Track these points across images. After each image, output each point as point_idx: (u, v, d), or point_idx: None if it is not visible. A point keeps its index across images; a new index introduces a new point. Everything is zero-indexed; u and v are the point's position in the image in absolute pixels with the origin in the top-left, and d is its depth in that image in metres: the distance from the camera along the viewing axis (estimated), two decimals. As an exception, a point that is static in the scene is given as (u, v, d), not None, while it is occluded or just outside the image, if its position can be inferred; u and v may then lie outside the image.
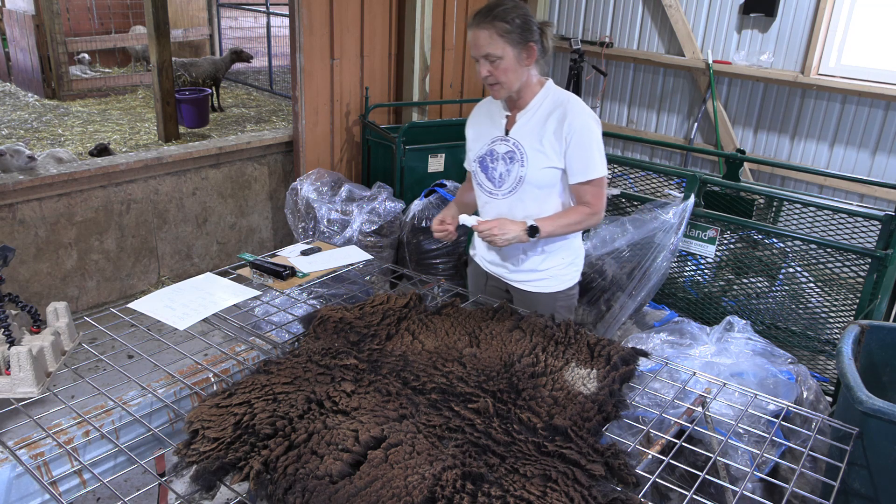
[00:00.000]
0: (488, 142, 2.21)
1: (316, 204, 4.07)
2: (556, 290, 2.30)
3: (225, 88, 7.93)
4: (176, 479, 1.36)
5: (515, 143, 2.15)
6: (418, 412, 1.50)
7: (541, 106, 2.13)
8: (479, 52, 2.03)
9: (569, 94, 2.15)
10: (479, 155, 2.24)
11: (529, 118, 2.14)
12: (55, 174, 3.65)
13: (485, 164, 2.22)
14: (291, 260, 2.40)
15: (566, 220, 2.15)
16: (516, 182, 2.16)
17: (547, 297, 2.30)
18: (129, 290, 4.19)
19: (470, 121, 2.34)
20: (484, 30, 2.00)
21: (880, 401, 1.79)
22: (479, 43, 2.02)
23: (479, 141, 2.25)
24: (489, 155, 2.21)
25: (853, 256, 2.90)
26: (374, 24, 4.56)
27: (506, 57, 2.02)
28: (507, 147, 2.17)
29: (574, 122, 2.07)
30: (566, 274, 2.30)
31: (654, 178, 3.92)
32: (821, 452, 2.16)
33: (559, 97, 2.13)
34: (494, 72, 2.04)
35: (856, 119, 4.35)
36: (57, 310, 1.81)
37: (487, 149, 2.21)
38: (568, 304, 2.35)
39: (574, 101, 2.12)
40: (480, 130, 2.27)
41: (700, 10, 4.88)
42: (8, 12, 7.30)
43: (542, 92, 2.15)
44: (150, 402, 1.70)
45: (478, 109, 2.32)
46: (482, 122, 2.27)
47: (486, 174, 2.23)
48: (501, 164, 2.17)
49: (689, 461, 2.05)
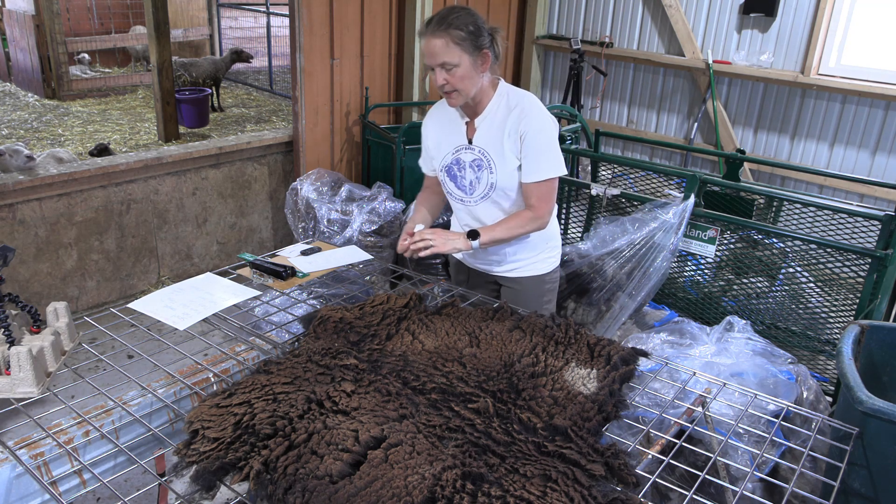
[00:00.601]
0: (452, 150, 2.21)
1: (316, 204, 4.07)
2: (543, 272, 2.37)
3: (225, 88, 7.93)
4: (176, 479, 1.36)
5: (482, 151, 2.15)
6: (418, 412, 1.50)
7: (498, 109, 2.13)
8: (435, 60, 2.01)
9: (523, 94, 2.15)
10: (446, 164, 2.24)
11: (489, 124, 2.14)
12: (55, 174, 3.65)
13: (452, 172, 2.23)
14: (291, 260, 2.40)
15: (507, 225, 2.15)
16: (488, 188, 2.18)
17: (535, 281, 2.37)
18: (129, 290, 4.19)
19: (428, 126, 2.32)
20: (439, 38, 1.98)
21: (880, 401, 1.79)
22: (434, 51, 2.00)
23: (442, 149, 2.25)
24: (455, 164, 2.21)
25: (853, 256, 2.90)
26: (374, 24, 4.56)
27: (462, 64, 2.00)
28: (473, 156, 2.17)
29: (528, 122, 2.08)
30: (550, 257, 2.39)
31: (654, 178, 3.92)
32: (821, 452, 2.17)
33: (514, 98, 2.13)
34: (451, 80, 2.02)
35: (856, 119, 4.35)
36: (57, 310, 1.81)
37: (453, 157, 2.21)
38: (552, 286, 2.44)
39: (529, 101, 2.12)
40: (441, 137, 2.26)
41: (700, 10, 4.88)
42: (8, 12, 7.30)
43: (496, 95, 2.14)
44: (150, 402, 1.70)
45: (435, 114, 2.30)
46: (442, 129, 2.26)
47: (455, 183, 2.24)
48: (470, 172, 2.19)
49: (689, 461, 2.05)
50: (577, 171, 5.09)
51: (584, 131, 4.76)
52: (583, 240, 3.36)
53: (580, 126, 4.66)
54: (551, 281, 2.43)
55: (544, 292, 2.41)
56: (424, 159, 2.38)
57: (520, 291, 2.39)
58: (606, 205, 3.58)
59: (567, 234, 4.10)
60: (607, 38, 5.40)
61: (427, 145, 2.33)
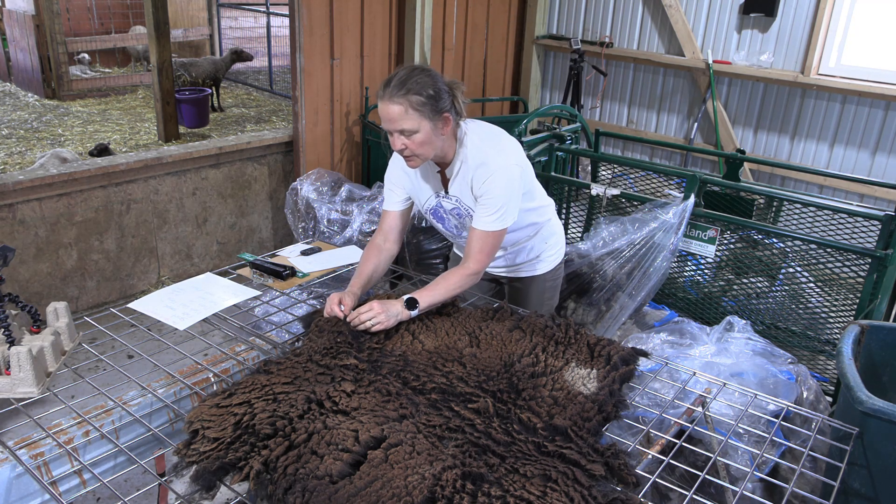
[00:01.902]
0: (432, 195, 2.18)
1: (316, 204, 4.07)
2: (545, 271, 2.40)
3: (225, 88, 7.93)
4: (176, 479, 1.36)
5: (458, 201, 2.13)
6: (418, 412, 1.50)
7: (461, 164, 2.07)
8: (393, 126, 1.91)
9: (480, 143, 2.06)
10: (430, 207, 2.21)
11: (460, 179, 2.08)
12: (55, 174, 3.65)
13: (438, 214, 2.23)
14: (291, 260, 2.40)
15: (446, 285, 2.04)
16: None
17: (539, 280, 2.40)
18: (129, 290, 4.19)
19: (396, 169, 2.21)
20: (397, 104, 1.88)
21: (880, 401, 1.79)
22: (391, 117, 1.90)
23: (422, 192, 2.19)
24: (437, 209, 2.20)
25: (853, 256, 2.90)
26: (374, 24, 4.56)
27: (422, 130, 1.91)
28: (451, 204, 2.16)
29: (483, 177, 2.00)
30: (552, 256, 2.40)
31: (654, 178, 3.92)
32: (821, 452, 2.16)
33: (472, 149, 2.05)
34: (410, 145, 1.93)
35: (856, 119, 4.35)
36: (57, 310, 1.81)
37: (435, 202, 2.19)
38: (554, 283, 2.47)
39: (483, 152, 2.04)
40: (417, 182, 2.19)
41: (700, 10, 4.88)
42: (8, 12, 7.30)
43: (459, 149, 2.06)
44: (150, 402, 1.70)
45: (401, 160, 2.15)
46: (417, 175, 2.18)
47: (443, 225, 2.26)
48: (453, 218, 2.20)
49: (689, 461, 2.05)
50: (577, 171, 5.09)
51: (584, 131, 4.76)
52: (583, 240, 3.36)
53: (580, 126, 4.66)
54: (553, 279, 2.45)
55: (545, 290, 2.44)
56: (390, 197, 2.24)
57: (521, 290, 2.42)
58: (606, 205, 3.58)
59: (567, 234, 4.10)
60: (607, 38, 5.40)
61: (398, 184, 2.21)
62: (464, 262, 2.06)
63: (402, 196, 2.22)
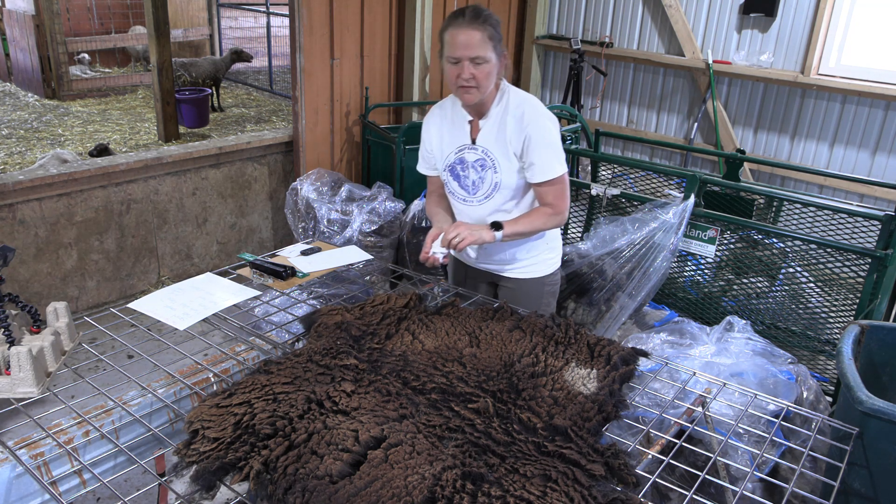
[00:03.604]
0: (455, 150, 2.21)
1: (316, 204, 4.07)
2: (544, 274, 2.37)
3: (225, 88, 7.93)
4: (176, 479, 1.36)
5: (484, 151, 2.15)
6: (418, 412, 1.50)
7: (500, 111, 2.13)
8: (469, 52, 1.97)
9: (526, 95, 2.15)
10: (449, 163, 2.23)
11: (493, 124, 2.13)
12: (55, 174, 3.65)
13: (455, 172, 2.23)
14: (291, 260, 2.40)
15: (529, 219, 2.15)
16: (492, 188, 2.18)
17: (535, 283, 2.36)
18: (129, 290, 4.19)
19: (430, 125, 2.29)
20: (477, 31, 1.96)
21: (880, 401, 1.79)
22: (471, 43, 1.96)
23: (445, 148, 2.24)
24: (459, 163, 2.21)
25: (853, 256, 2.90)
26: (374, 24, 4.56)
27: (490, 62, 2.01)
28: (476, 155, 2.17)
29: (531, 123, 2.07)
30: (551, 258, 2.37)
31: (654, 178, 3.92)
32: (821, 452, 2.16)
33: (516, 98, 2.13)
34: (478, 75, 2.00)
35: (856, 119, 4.35)
36: (57, 310, 1.81)
37: (456, 157, 2.21)
38: (553, 288, 2.43)
39: (531, 102, 2.13)
40: (444, 137, 2.24)
41: (700, 10, 4.88)
42: (8, 12, 7.30)
43: (498, 95, 2.14)
44: (150, 402, 1.70)
45: (436, 113, 2.28)
46: (443, 128, 2.24)
47: (459, 182, 2.24)
48: (473, 171, 2.18)
49: (689, 461, 2.05)
50: (577, 171, 5.09)
51: (584, 131, 4.76)
52: (583, 240, 3.36)
53: (580, 126, 4.66)
54: (551, 283, 2.41)
55: (543, 294, 2.40)
56: (424, 159, 2.37)
57: (518, 293, 2.38)
58: (606, 205, 3.58)
59: (567, 234, 4.10)
60: (607, 38, 5.40)
61: (428, 145, 2.31)
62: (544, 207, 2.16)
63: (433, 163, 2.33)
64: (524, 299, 2.35)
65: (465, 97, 2.07)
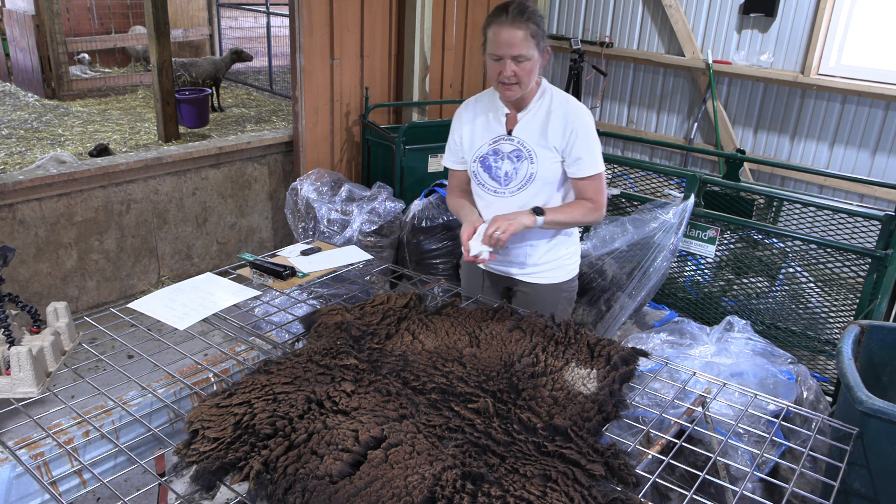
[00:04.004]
0: (489, 141, 2.20)
1: (316, 204, 4.07)
2: (561, 280, 2.33)
3: (225, 88, 7.93)
4: (176, 479, 1.36)
5: (520, 142, 2.16)
6: (418, 412, 1.50)
7: (540, 105, 2.16)
8: (512, 51, 1.98)
9: (566, 94, 2.19)
10: (481, 154, 2.22)
11: (532, 117, 2.15)
12: (55, 174, 3.65)
13: (487, 163, 2.21)
14: (291, 260, 2.40)
15: (570, 210, 2.18)
16: (526, 179, 2.17)
17: (552, 289, 2.33)
18: (129, 290, 4.19)
19: (462, 119, 2.29)
20: (520, 29, 1.98)
21: (880, 401, 1.79)
22: (514, 42, 1.98)
23: (477, 140, 2.23)
24: (493, 154, 2.20)
25: (853, 256, 2.90)
26: (374, 24, 4.56)
27: (532, 59, 2.02)
28: (511, 146, 2.17)
29: (577, 119, 2.11)
30: (569, 264, 2.35)
31: (654, 178, 3.92)
32: (821, 452, 2.16)
33: (560, 96, 2.17)
34: (520, 72, 2.02)
35: (856, 119, 4.35)
36: (57, 310, 1.81)
37: (490, 148, 2.20)
38: (570, 295, 2.40)
39: (573, 100, 2.17)
40: (476, 129, 2.24)
41: (700, 10, 4.88)
42: (8, 12, 7.30)
43: (539, 91, 2.17)
44: (150, 402, 1.70)
45: (471, 106, 2.28)
46: (478, 120, 2.24)
47: (490, 173, 2.21)
48: (507, 162, 2.17)
49: (689, 461, 2.05)
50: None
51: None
52: (583, 240, 3.36)
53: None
54: (568, 290, 2.37)
55: (559, 301, 2.34)
56: (451, 151, 2.34)
57: (534, 298, 2.32)
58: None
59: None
60: (607, 38, 5.40)
61: (458, 137, 2.29)
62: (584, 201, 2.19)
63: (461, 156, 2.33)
64: (540, 305, 2.28)
65: (506, 93, 2.09)
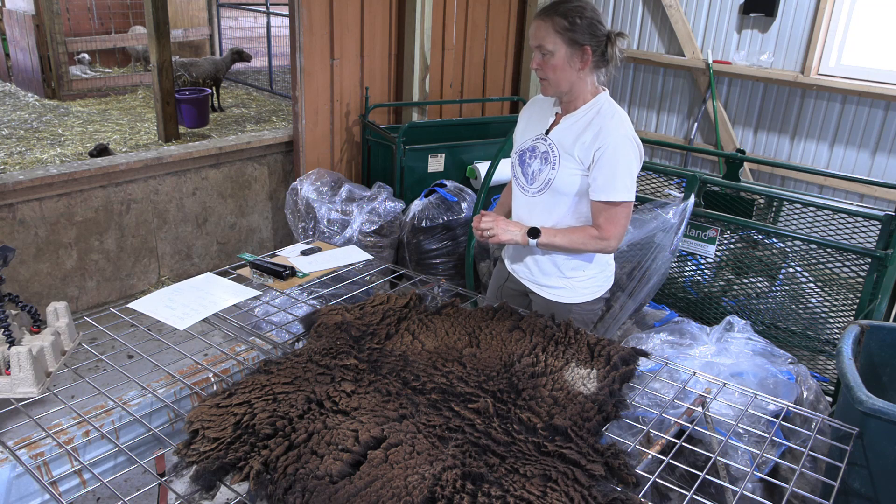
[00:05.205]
0: (532, 137, 2.20)
1: (316, 204, 4.07)
2: (572, 301, 2.24)
3: (225, 88, 7.93)
4: (176, 479, 1.36)
5: (551, 145, 2.12)
6: (418, 412, 1.50)
7: (586, 114, 2.09)
8: (534, 42, 2.03)
9: (616, 111, 2.08)
10: (522, 149, 2.22)
11: (572, 123, 2.10)
12: (55, 174, 3.65)
13: (523, 158, 2.21)
14: (291, 260, 2.40)
15: (570, 235, 2.09)
16: (545, 184, 2.13)
17: (561, 307, 2.24)
18: (129, 290, 4.19)
19: (523, 113, 2.33)
20: (543, 21, 2.00)
21: (880, 401, 1.79)
22: (536, 33, 2.01)
23: (525, 135, 2.23)
24: (530, 150, 2.19)
25: (853, 256, 2.90)
26: (374, 24, 4.56)
27: (557, 54, 1.99)
28: (545, 147, 2.14)
29: (607, 139, 2.01)
30: (585, 287, 2.23)
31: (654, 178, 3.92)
32: (821, 452, 2.16)
33: (610, 109, 2.08)
34: (543, 66, 2.03)
35: (856, 119, 4.35)
36: (57, 310, 1.81)
37: (530, 144, 2.19)
38: (584, 318, 2.28)
39: (617, 119, 2.06)
40: (529, 125, 2.25)
41: (700, 10, 4.88)
42: (8, 12, 7.30)
43: (592, 101, 2.09)
44: (150, 402, 1.70)
45: (538, 101, 2.29)
46: (533, 117, 2.25)
47: (522, 168, 2.21)
48: (537, 162, 2.15)
49: (689, 461, 2.05)
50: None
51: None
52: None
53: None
54: (580, 312, 2.25)
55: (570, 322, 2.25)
56: (514, 142, 2.34)
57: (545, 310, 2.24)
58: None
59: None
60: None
61: (518, 128, 2.32)
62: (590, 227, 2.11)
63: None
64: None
65: (542, 87, 2.11)
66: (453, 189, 4.21)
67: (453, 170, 4.50)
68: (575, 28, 1.97)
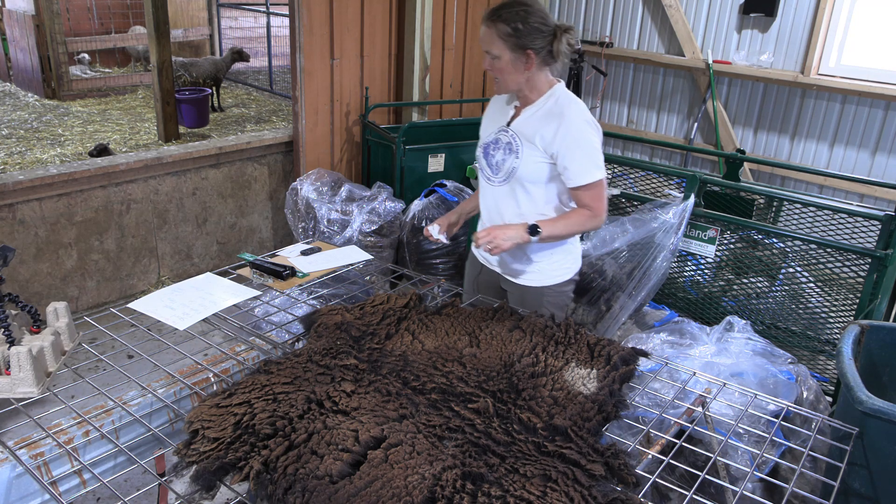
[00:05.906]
0: (495, 130, 2.27)
1: (316, 204, 4.07)
2: (543, 284, 2.31)
3: (225, 88, 7.92)
4: (176, 479, 1.36)
5: (513, 135, 2.20)
6: (418, 412, 1.50)
7: (544, 105, 2.17)
8: (483, 46, 2.11)
9: (572, 99, 2.16)
10: (486, 142, 2.30)
11: (532, 114, 2.18)
12: (55, 174, 3.65)
13: (487, 150, 2.28)
14: (291, 260, 2.40)
15: (567, 221, 2.17)
16: (509, 173, 2.20)
17: (534, 291, 2.32)
18: (129, 290, 4.19)
19: (486, 111, 2.41)
20: (487, 28, 2.07)
21: (880, 401, 1.79)
22: (483, 38, 2.10)
23: (488, 129, 2.32)
24: (493, 143, 2.26)
25: (853, 256, 2.90)
26: (374, 24, 4.56)
27: (503, 58, 2.08)
28: (507, 138, 2.22)
29: (569, 127, 2.08)
30: (554, 270, 2.31)
31: (654, 178, 3.92)
32: (821, 452, 2.16)
33: (566, 99, 2.16)
34: (492, 69, 2.12)
35: (856, 119, 4.35)
36: (57, 310, 1.81)
37: (493, 137, 2.27)
38: (556, 300, 2.35)
39: (574, 106, 2.14)
40: (492, 119, 2.33)
41: (700, 10, 4.88)
42: (8, 12, 7.29)
43: (549, 92, 2.18)
44: (150, 402, 1.70)
45: (495, 100, 2.37)
46: (495, 112, 2.33)
47: (487, 160, 2.29)
48: (501, 153, 2.22)
49: (689, 461, 2.05)
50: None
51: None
52: (583, 240, 3.36)
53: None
54: (551, 294, 2.32)
55: (542, 304, 2.31)
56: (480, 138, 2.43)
57: (519, 298, 2.33)
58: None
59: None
60: (607, 38, 5.40)
61: (482, 125, 2.39)
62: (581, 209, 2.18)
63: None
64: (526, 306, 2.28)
65: (495, 85, 2.20)
66: (453, 189, 4.21)
67: (453, 170, 4.50)
68: (518, 34, 2.04)
